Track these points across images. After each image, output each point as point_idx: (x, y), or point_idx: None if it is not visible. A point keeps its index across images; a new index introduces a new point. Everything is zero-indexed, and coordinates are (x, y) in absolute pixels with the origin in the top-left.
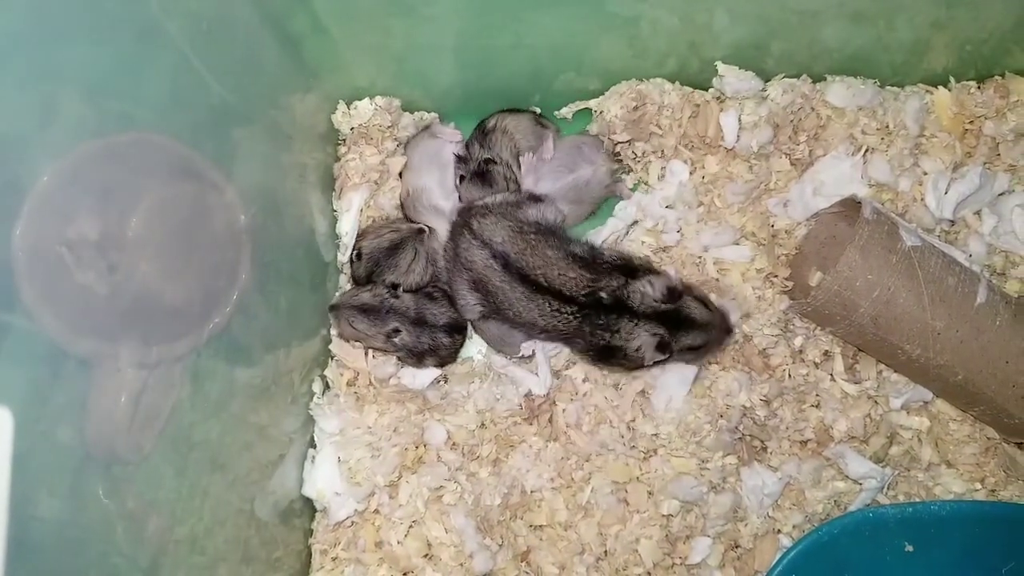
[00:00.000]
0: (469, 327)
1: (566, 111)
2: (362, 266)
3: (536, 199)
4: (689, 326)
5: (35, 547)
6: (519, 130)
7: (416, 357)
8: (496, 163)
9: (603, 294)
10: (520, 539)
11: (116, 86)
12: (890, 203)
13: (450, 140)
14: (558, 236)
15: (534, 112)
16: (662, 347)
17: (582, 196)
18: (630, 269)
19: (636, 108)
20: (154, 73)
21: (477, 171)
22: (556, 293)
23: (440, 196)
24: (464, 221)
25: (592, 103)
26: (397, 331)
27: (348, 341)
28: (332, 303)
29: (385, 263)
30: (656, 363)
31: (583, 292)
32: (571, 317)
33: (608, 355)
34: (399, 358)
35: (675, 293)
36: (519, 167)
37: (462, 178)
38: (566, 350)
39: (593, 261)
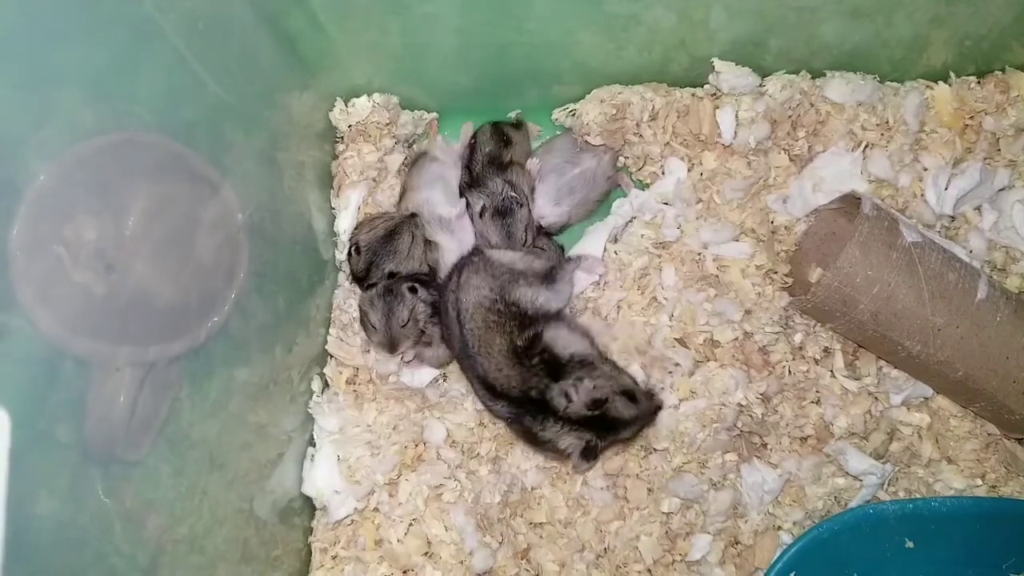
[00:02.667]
0: None
1: (560, 113)
2: (361, 260)
3: (549, 279)
4: (618, 426)
5: (34, 546)
6: (521, 151)
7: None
8: (522, 205)
9: (533, 392)
10: (520, 537)
11: (112, 85)
12: (890, 199)
13: (449, 157)
14: (522, 318)
15: (517, 122)
16: (587, 453)
17: (589, 192)
18: (556, 369)
19: (615, 117)
20: (150, 72)
21: (500, 208)
22: (489, 387)
23: (443, 204)
24: (461, 265)
25: (581, 105)
26: (414, 288)
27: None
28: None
29: (383, 251)
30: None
31: (513, 390)
32: (504, 408)
33: (537, 444)
34: (419, 339)
35: (599, 403)
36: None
37: (483, 210)
38: None
39: (526, 357)
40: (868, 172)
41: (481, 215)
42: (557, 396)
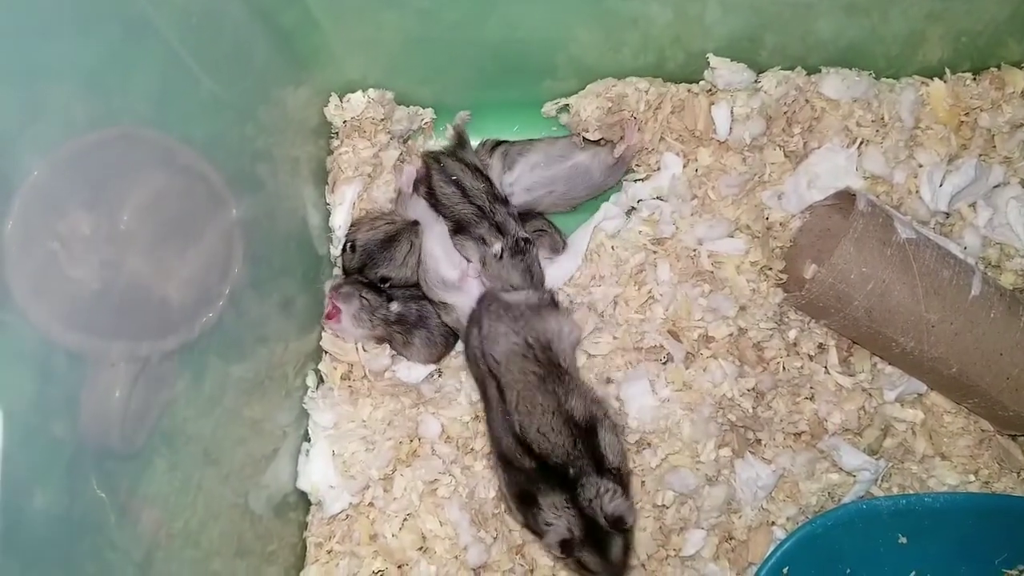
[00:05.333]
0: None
1: (550, 107)
2: (355, 258)
3: (556, 305)
4: (601, 554)
5: (28, 540)
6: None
7: (405, 330)
8: (533, 244)
9: (571, 471)
10: (514, 532)
11: (105, 80)
12: (885, 195)
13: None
14: (562, 376)
15: (458, 139)
16: (564, 546)
17: (588, 182)
18: (599, 462)
19: (611, 110)
20: (143, 67)
21: (516, 248)
22: (525, 445)
23: (444, 263)
24: (478, 317)
25: (573, 99)
26: (391, 298)
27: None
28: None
29: (379, 255)
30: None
31: (554, 459)
32: (527, 463)
33: (526, 501)
34: (395, 344)
35: (621, 524)
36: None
37: (502, 251)
38: None
39: (587, 431)
40: (863, 168)
41: (500, 257)
42: (590, 486)
